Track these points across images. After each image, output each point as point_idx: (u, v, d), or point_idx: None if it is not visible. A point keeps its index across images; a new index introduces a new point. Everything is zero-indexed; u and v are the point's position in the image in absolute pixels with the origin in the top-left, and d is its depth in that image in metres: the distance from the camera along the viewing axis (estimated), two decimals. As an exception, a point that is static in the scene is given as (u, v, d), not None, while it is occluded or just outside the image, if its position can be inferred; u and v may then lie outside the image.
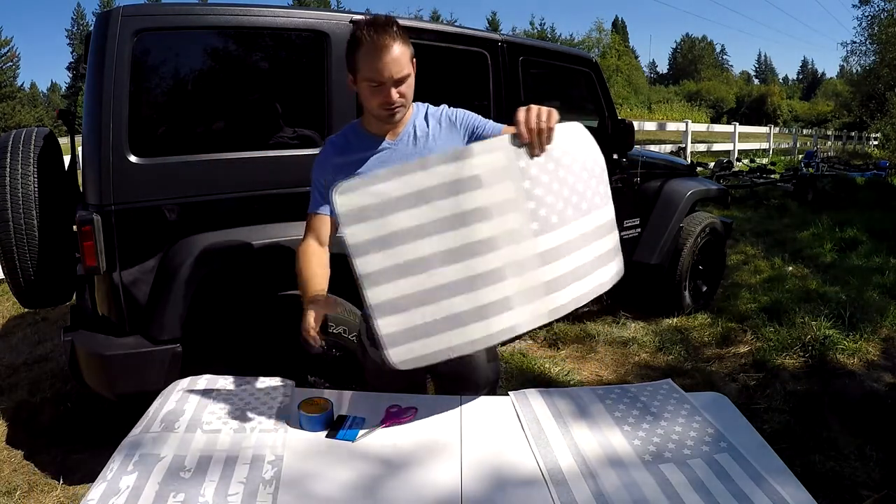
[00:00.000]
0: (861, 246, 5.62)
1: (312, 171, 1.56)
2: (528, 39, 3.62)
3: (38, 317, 4.16)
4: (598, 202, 1.43)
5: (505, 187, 1.29)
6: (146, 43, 1.98)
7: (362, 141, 1.52)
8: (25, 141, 2.16)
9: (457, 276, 1.26)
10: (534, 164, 1.31)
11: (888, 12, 18.42)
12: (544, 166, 1.33)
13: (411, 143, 1.50)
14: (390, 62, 1.36)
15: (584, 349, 3.47)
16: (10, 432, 2.66)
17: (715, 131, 15.97)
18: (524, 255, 1.31)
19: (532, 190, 1.31)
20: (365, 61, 1.37)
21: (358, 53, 1.38)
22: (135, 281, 2.01)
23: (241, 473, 1.15)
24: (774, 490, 1.12)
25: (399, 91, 1.40)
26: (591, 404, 1.44)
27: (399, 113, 1.45)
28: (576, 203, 1.37)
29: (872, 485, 2.14)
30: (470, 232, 1.26)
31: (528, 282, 1.32)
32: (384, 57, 1.35)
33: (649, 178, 3.74)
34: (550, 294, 1.35)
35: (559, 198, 1.34)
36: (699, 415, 1.38)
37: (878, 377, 2.99)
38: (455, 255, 1.26)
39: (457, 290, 1.26)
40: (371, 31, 1.36)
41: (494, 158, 1.29)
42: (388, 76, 1.37)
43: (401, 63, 1.38)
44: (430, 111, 1.57)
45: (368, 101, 1.43)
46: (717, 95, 51.67)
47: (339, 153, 1.52)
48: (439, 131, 1.52)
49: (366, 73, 1.38)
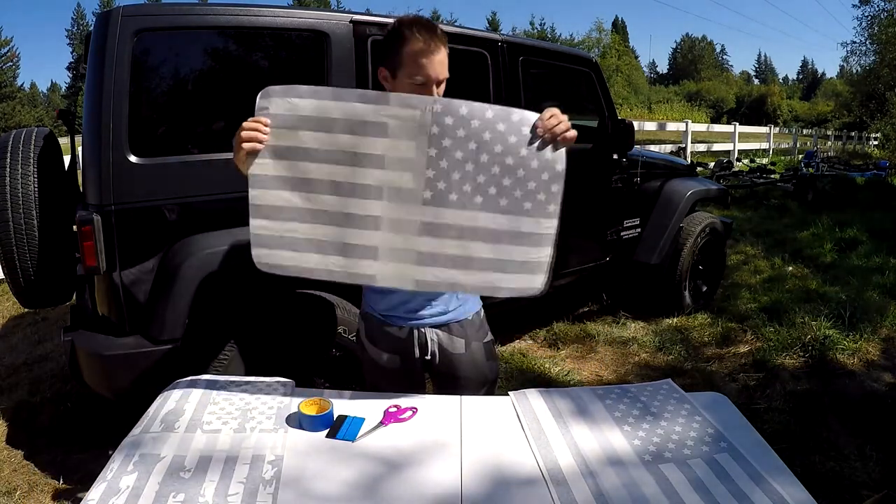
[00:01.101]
0: (861, 246, 5.62)
1: None
2: (528, 39, 3.63)
3: (38, 317, 4.16)
4: (528, 209, 1.36)
5: (407, 145, 1.31)
6: (146, 43, 1.98)
7: None
8: (25, 141, 2.16)
9: (334, 207, 1.33)
10: (449, 135, 1.31)
11: (888, 12, 18.42)
12: (463, 142, 1.31)
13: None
14: (438, 64, 1.41)
15: (584, 349, 3.47)
16: (10, 432, 2.66)
17: (715, 131, 15.97)
18: (406, 216, 1.34)
19: (437, 160, 1.32)
20: (413, 60, 1.39)
21: (404, 51, 1.40)
22: (135, 281, 2.01)
23: (241, 473, 1.15)
24: (774, 490, 1.12)
25: (438, 92, 1.44)
26: (591, 404, 1.44)
27: None
28: (491, 194, 1.34)
29: (872, 485, 2.14)
30: (360, 173, 1.32)
31: (400, 243, 1.35)
32: (434, 59, 1.40)
33: (649, 178, 3.74)
34: (420, 266, 1.36)
35: (468, 179, 1.33)
36: (699, 415, 1.38)
37: (878, 377, 2.99)
38: (339, 189, 1.32)
39: (330, 220, 1.33)
40: (423, 32, 1.39)
41: (407, 115, 1.31)
42: (435, 77, 1.41)
43: (445, 65, 1.43)
44: None
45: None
46: (717, 95, 51.71)
47: None
48: None
49: (412, 71, 1.40)
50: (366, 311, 1.63)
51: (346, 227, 1.34)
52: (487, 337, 1.66)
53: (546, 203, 1.37)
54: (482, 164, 1.33)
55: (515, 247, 1.36)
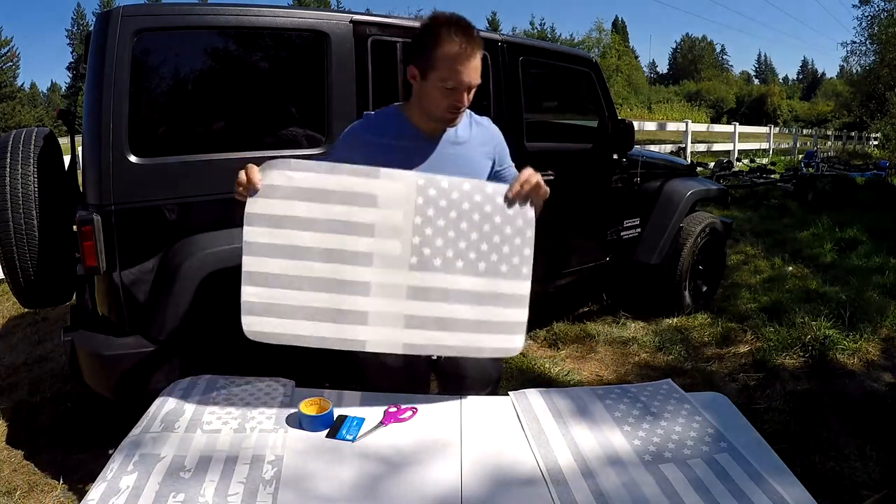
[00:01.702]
0: (861, 246, 5.61)
1: (339, 138, 1.56)
2: (528, 39, 3.63)
3: (38, 317, 4.15)
4: (503, 271, 1.43)
5: (395, 214, 1.37)
6: (146, 43, 1.98)
7: (401, 128, 1.50)
8: (25, 141, 2.16)
9: (326, 274, 1.36)
10: (433, 205, 1.38)
11: (888, 12, 18.40)
12: (444, 211, 1.39)
13: (449, 146, 1.51)
14: (472, 69, 1.38)
15: (584, 349, 3.47)
16: (10, 432, 2.66)
17: (715, 131, 15.96)
18: (394, 281, 1.38)
19: (422, 227, 1.38)
20: (447, 62, 1.36)
21: (437, 52, 1.37)
22: (135, 281, 2.01)
23: (241, 473, 1.15)
24: (774, 490, 1.13)
25: (469, 98, 1.42)
26: (591, 404, 1.44)
27: (459, 118, 1.47)
28: (471, 259, 1.41)
29: (872, 485, 2.14)
30: (351, 241, 1.36)
31: (389, 307, 1.38)
32: (469, 65, 1.37)
33: (649, 178, 3.74)
34: (408, 329, 1.40)
35: (450, 245, 1.39)
36: (699, 415, 1.38)
37: (878, 377, 2.99)
38: (331, 256, 1.36)
39: (322, 287, 1.36)
40: (460, 34, 1.35)
41: (395, 187, 1.37)
42: (468, 83, 1.39)
43: (479, 71, 1.41)
44: (477, 119, 1.59)
45: (437, 101, 1.42)
46: (717, 95, 51.69)
47: (371, 132, 1.51)
48: (477, 144, 1.55)
49: (444, 74, 1.37)
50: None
51: (338, 293, 1.37)
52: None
53: (520, 266, 1.45)
54: (462, 231, 1.40)
55: (494, 308, 1.44)
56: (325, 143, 2.25)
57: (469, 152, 1.52)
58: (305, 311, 1.36)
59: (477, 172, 1.52)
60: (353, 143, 1.51)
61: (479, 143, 1.55)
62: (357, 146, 1.50)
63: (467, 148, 1.52)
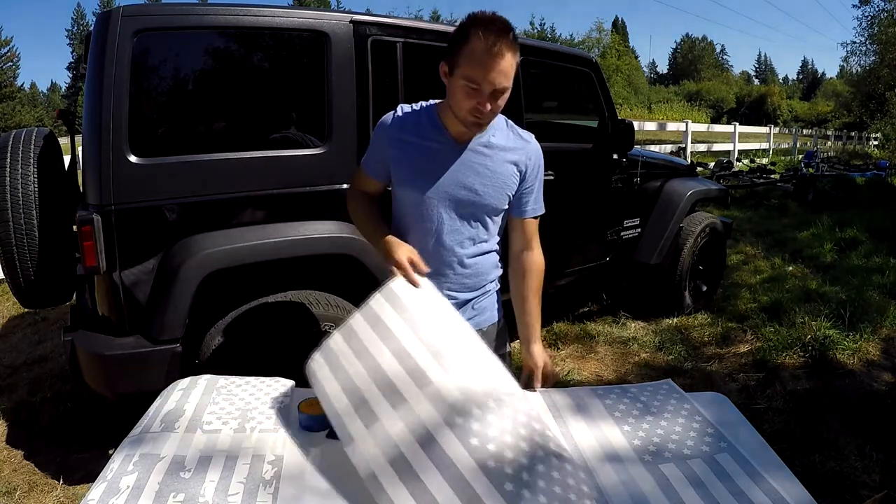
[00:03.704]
0: (861, 246, 5.62)
1: (377, 130, 1.49)
2: (528, 39, 3.62)
3: (38, 317, 4.16)
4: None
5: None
6: (146, 43, 1.98)
7: (430, 127, 1.44)
8: (25, 141, 2.16)
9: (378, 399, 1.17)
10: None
11: (888, 12, 18.39)
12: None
13: (475, 153, 1.45)
14: (499, 72, 1.28)
15: (584, 349, 3.47)
16: (10, 432, 2.66)
17: (715, 131, 15.96)
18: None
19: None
20: (472, 61, 1.28)
21: (465, 48, 1.29)
22: (135, 281, 2.01)
23: (241, 473, 1.15)
24: (774, 490, 1.13)
25: (496, 104, 1.33)
26: (591, 404, 1.44)
27: (484, 125, 1.39)
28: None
29: (872, 485, 2.14)
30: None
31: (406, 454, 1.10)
32: (495, 65, 1.27)
33: (649, 178, 3.74)
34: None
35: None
36: (699, 415, 1.38)
37: (878, 377, 2.99)
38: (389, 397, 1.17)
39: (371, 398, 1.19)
40: (489, 33, 1.27)
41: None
42: (491, 85, 1.29)
43: (508, 75, 1.30)
44: (517, 131, 1.52)
45: (460, 101, 1.33)
46: (717, 95, 51.67)
47: (401, 128, 1.45)
48: (507, 154, 1.47)
49: (468, 73, 1.29)
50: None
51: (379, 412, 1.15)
52: (503, 349, 1.64)
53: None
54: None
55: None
56: (324, 144, 2.26)
57: (494, 164, 1.45)
58: (352, 397, 1.19)
59: (500, 187, 1.46)
60: (385, 139, 1.47)
61: (510, 154, 1.47)
62: (387, 141, 1.46)
63: (494, 159, 1.45)
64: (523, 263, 1.56)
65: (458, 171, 1.43)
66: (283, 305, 2.16)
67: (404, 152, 1.44)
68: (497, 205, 1.48)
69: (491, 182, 1.45)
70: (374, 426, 1.14)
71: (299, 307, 2.17)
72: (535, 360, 1.56)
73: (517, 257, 1.57)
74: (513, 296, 1.60)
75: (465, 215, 1.46)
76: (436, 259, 1.46)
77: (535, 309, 1.58)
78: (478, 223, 1.48)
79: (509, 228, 1.57)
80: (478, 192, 1.44)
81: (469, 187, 1.44)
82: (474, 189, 1.44)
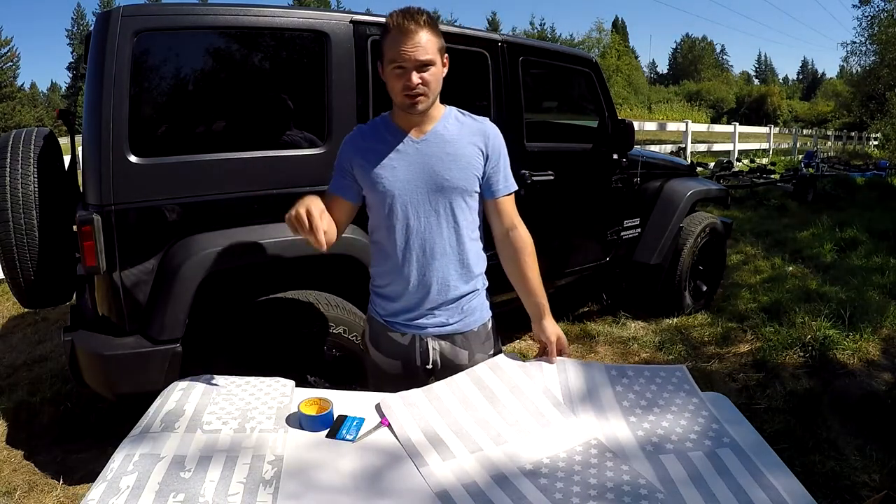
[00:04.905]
0: (861, 246, 5.62)
1: (339, 152, 1.55)
2: (528, 39, 3.62)
3: (38, 317, 4.16)
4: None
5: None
6: (146, 43, 1.98)
7: (388, 132, 1.50)
8: (25, 141, 2.16)
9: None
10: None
11: (888, 12, 18.39)
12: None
13: (437, 145, 1.49)
14: (415, 45, 1.36)
15: (584, 349, 3.47)
16: (10, 432, 2.66)
17: (715, 131, 15.97)
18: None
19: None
20: (390, 44, 1.37)
21: (386, 39, 1.39)
22: (135, 281, 2.01)
23: (241, 473, 1.15)
24: (774, 489, 1.13)
25: (421, 77, 1.38)
26: (603, 392, 1.45)
27: (421, 103, 1.41)
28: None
29: (872, 485, 2.14)
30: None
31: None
32: (408, 40, 1.35)
33: (649, 178, 3.74)
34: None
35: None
36: (706, 409, 1.39)
37: (878, 377, 2.99)
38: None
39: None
40: (399, 17, 1.37)
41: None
42: (411, 59, 1.36)
43: (426, 49, 1.37)
44: (469, 115, 1.55)
45: (393, 87, 1.42)
46: (717, 95, 51.71)
47: (364, 138, 1.52)
48: (466, 139, 1.50)
49: (390, 56, 1.38)
50: (371, 314, 1.63)
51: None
52: (493, 350, 1.65)
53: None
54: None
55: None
56: (324, 144, 2.25)
57: (455, 148, 1.49)
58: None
59: (466, 168, 1.49)
60: (351, 152, 1.52)
61: (469, 138, 1.51)
62: (355, 153, 1.51)
63: (454, 144, 1.49)
64: (512, 243, 1.56)
65: (422, 162, 1.47)
66: (283, 305, 2.16)
67: (367, 158, 1.48)
68: (466, 185, 1.50)
69: (455, 164, 1.48)
70: (450, 461, 1.24)
71: (299, 307, 2.17)
72: (549, 336, 1.58)
73: (504, 239, 1.58)
74: (511, 279, 1.61)
75: (439, 204, 1.49)
76: (418, 252, 1.49)
77: (537, 286, 1.59)
78: (452, 210, 1.50)
79: (488, 214, 1.58)
80: (444, 177, 1.47)
81: (436, 174, 1.47)
82: (441, 175, 1.47)
